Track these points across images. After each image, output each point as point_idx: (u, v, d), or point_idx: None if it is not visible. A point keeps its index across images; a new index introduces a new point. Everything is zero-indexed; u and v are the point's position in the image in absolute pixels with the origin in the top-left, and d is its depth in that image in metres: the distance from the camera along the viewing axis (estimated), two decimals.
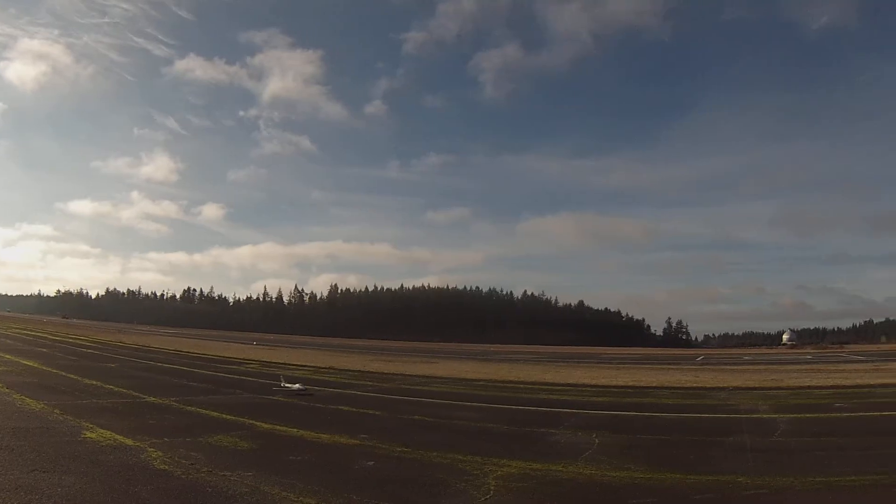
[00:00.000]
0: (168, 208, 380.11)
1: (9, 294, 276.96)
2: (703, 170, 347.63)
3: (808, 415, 20.56)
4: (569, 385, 32.00)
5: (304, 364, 43.95)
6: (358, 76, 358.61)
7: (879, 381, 33.10)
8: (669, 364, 59.82)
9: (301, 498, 9.40)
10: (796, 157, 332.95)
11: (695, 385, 32.46)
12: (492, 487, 10.41)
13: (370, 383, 30.97)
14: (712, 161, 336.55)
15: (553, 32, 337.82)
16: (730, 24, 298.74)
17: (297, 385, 24.85)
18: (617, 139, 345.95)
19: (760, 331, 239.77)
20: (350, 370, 39.72)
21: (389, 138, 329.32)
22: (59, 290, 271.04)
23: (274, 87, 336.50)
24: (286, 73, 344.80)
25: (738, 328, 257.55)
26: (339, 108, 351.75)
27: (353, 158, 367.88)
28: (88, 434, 13.72)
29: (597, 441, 15.22)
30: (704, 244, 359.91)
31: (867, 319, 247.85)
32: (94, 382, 24.64)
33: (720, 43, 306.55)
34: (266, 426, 16.22)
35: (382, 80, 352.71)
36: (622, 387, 31.54)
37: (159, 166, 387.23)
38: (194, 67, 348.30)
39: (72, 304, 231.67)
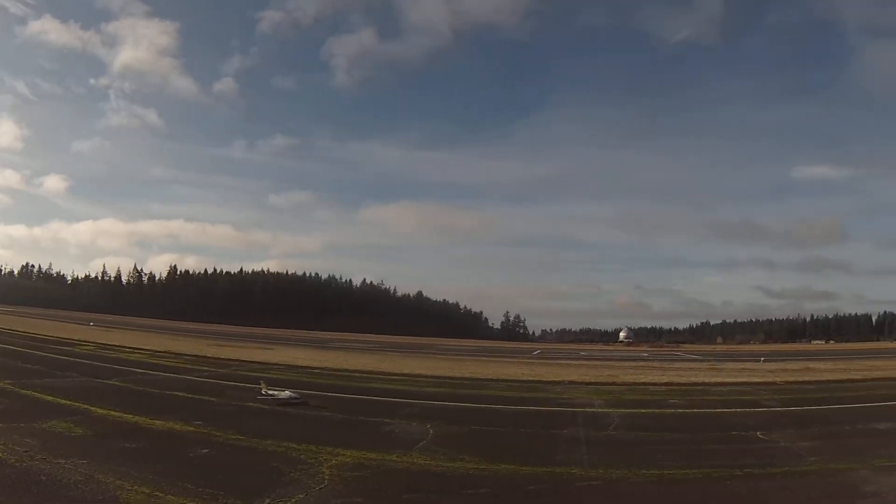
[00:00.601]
0: (10, 178, 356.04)
1: None
2: (547, 168, 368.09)
3: (642, 410, 22.31)
4: (405, 375, 32.89)
5: (140, 347, 43.60)
6: (212, 52, 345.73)
7: (714, 379, 36.38)
8: (506, 357, 62.66)
9: (136, 487, 9.55)
10: (640, 162, 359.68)
11: (531, 378, 34.14)
12: (326, 477, 10.75)
13: (206, 369, 31.18)
14: (557, 161, 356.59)
15: (411, 23, 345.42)
16: (587, 30, 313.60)
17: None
18: (465, 133, 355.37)
19: (598, 328, 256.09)
20: (187, 354, 39.56)
21: (237, 118, 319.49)
22: None
23: (126, 56, 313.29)
24: (140, 42, 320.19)
25: (575, 325, 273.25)
26: (190, 83, 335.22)
27: (200, 136, 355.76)
28: None
29: (431, 431, 15.86)
30: (544, 241, 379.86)
31: (704, 321, 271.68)
32: None
33: (575, 47, 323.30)
34: (101, 411, 16.41)
35: (236, 57, 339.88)
36: (458, 378, 32.66)
37: (4, 132, 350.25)
38: (49, 30, 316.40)
39: None
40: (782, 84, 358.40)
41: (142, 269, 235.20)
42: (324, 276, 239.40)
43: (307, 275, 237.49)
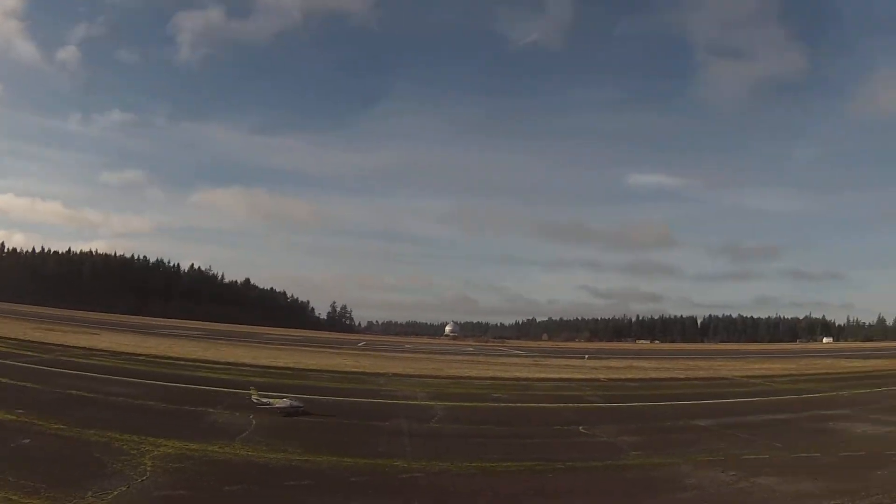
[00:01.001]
0: None
1: None
2: (386, 161, 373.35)
3: (465, 403, 22.68)
4: (229, 364, 32.16)
5: None
6: (58, 17, 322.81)
7: (538, 375, 37.75)
8: (331, 347, 62.51)
9: None
10: (478, 160, 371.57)
11: (355, 370, 34.03)
12: (148, 468, 10.45)
13: (29, 353, 29.35)
14: (396, 153, 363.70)
15: (261, 2, 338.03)
16: (438, 25, 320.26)
17: None
18: (303, 120, 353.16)
19: (424, 321, 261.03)
20: (9, 338, 36.97)
21: (76, 89, 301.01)
22: None
23: None
24: None
25: (402, 317, 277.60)
26: (33, 49, 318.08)
27: (36, 105, 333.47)
28: None
29: (254, 422, 15.60)
30: (377, 233, 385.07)
31: (531, 318, 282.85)
32: None
33: (425, 41, 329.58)
34: None
35: (82, 25, 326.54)
36: (282, 368, 32.40)
37: None
38: None
39: None
40: (625, 93, 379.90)
41: None
42: (152, 259, 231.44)
43: (136, 257, 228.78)
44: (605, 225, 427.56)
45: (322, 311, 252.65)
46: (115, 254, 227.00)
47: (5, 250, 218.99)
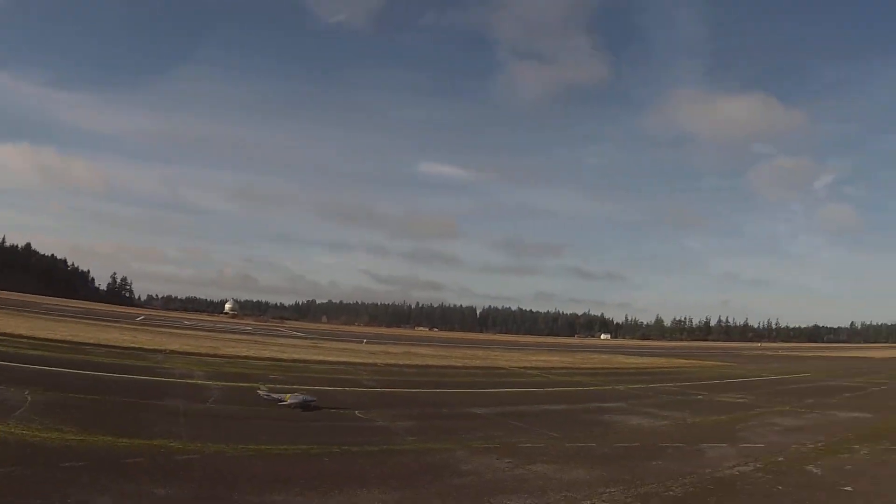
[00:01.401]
0: None
1: None
2: (177, 126, 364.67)
3: (243, 384, 22.10)
4: (4, 335, 29.72)
5: None
6: None
7: (316, 357, 37.75)
8: (109, 321, 59.87)
9: None
10: (270, 135, 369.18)
11: (133, 345, 32.54)
12: None
13: None
14: (187, 120, 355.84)
15: None
16: None
17: None
18: (99, 75, 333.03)
19: (205, 297, 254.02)
20: None
21: None
22: None
23: None
24: None
25: (183, 292, 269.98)
26: None
27: None
28: None
29: (29, 398, 14.51)
30: (160, 202, 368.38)
31: (311, 299, 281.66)
32: None
33: (229, 4, 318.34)
34: None
35: None
36: (57, 341, 30.49)
37: None
38: None
39: None
40: (426, 84, 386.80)
41: None
42: None
43: None
44: (393, 211, 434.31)
45: (102, 283, 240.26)
46: None
47: None
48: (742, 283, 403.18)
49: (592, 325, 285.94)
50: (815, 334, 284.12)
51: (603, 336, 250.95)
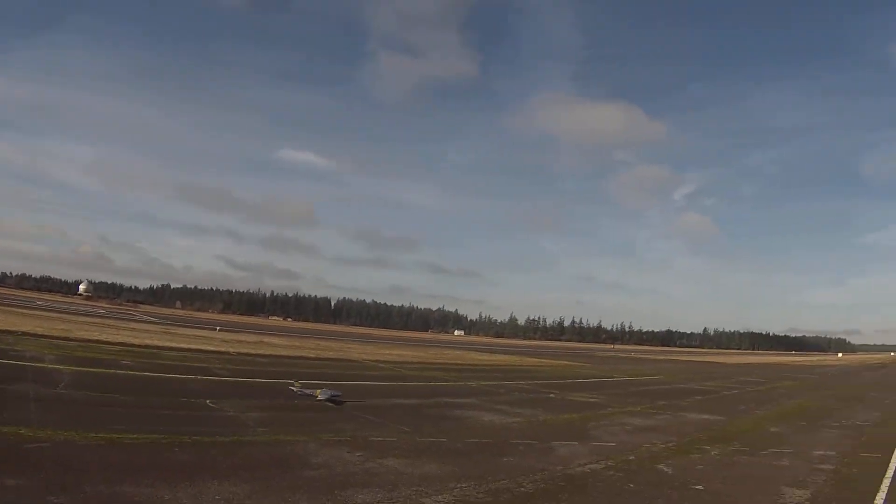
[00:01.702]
0: None
1: None
2: (36, 94, 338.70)
3: (94, 369, 21.30)
4: None
5: None
6: None
7: (168, 343, 36.41)
8: None
9: None
10: (132, 111, 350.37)
11: None
12: None
13: None
14: (49, 88, 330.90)
15: None
16: None
17: None
18: None
19: (59, 277, 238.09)
20: None
21: None
22: None
23: None
24: None
25: (37, 271, 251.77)
26: None
27: None
28: None
29: None
30: (13, 174, 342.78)
31: (166, 283, 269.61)
32: None
33: None
34: None
35: None
36: None
37: None
38: None
39: None
40: (293, 68, 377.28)
41: None
42: None
43: None
44: (251, 196, 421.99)
45: None
46: None
47: None
48: (598, 286, 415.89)
49: (447, 320, 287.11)
50: (669, 338, 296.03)
51: (457, 332, 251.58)
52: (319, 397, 19.17)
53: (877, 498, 11.19)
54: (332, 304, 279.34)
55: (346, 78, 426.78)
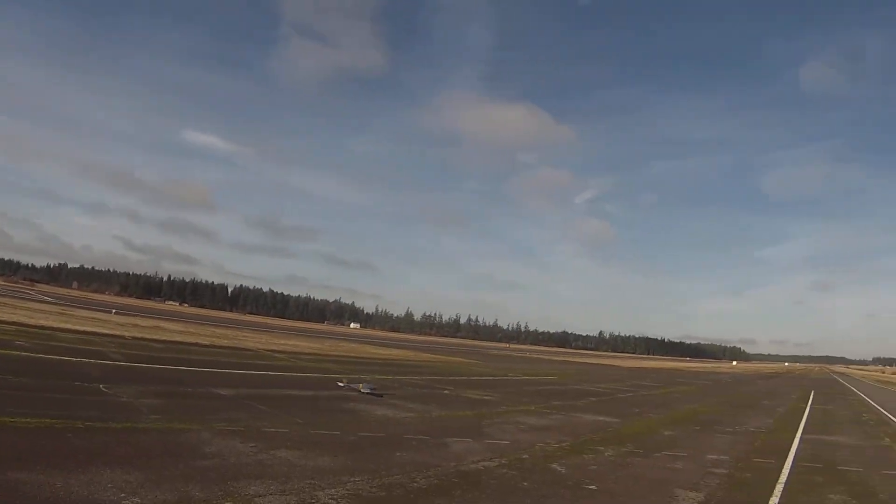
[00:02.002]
0: None
1: None
2: None
3: None
4: None
5: None
6: None
7: (64, 325, 34.64)
8: None
9: None
10: (24, 77, 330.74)
11: None
12: None
13: None
14: None
15: None
16: None
17: None
18: None
19: None
20: None
21: None
22: None
23: None
24: None
25: None
26: None
27: None
28: None
29: None
30: None
31: (63, 262, 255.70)
32: None
33: None
34: None
35: None
36: None
37: None
38: None
39: None
40: (199, 47, 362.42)
41: None
42: None
43: None
44: (152, 177, 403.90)
45: None
46: None
47: None
48: (495, 285, 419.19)
49: (343, 312, 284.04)
50: (564, 340, 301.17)
51: (353, 325, 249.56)
52: (363, 390, 20.77)
53: (769, 502, 11.33)
54: (230, 291, 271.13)
55: (255, 63, 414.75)
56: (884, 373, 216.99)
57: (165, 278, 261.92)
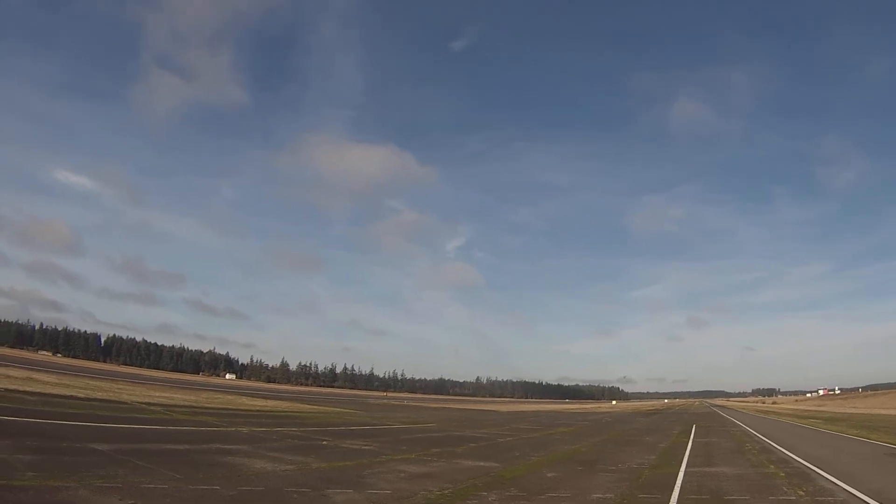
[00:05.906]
0: None
1: None
2: None
3: None
4: None
5: None
6: None
7: None
8: None
9: None
10: None
11: None
12: None
13: None
14: None
15: None
16: None
17: None
18: None
19: None
20: None
21: None
22: None
23: None
24: None
25: None
26: None
27: None
28: None
29: None
30: None
31: None
32: None
33: None
34: None
35: None
36: None
37: None
38: None
39: None
40: (60, 76, 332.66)
41: None
42: None
43: None
44: (16, 216, 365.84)
45: None
46: None
47: None
48: (365, 332, 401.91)
49: (218, 363, 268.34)
50: (442, 387, 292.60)
51: (228, 376, 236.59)
52: None
53: None
54: (103, 341, 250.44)
55: (117, 94, 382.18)
56: (763, 403, 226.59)
57: (37, 326, 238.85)
